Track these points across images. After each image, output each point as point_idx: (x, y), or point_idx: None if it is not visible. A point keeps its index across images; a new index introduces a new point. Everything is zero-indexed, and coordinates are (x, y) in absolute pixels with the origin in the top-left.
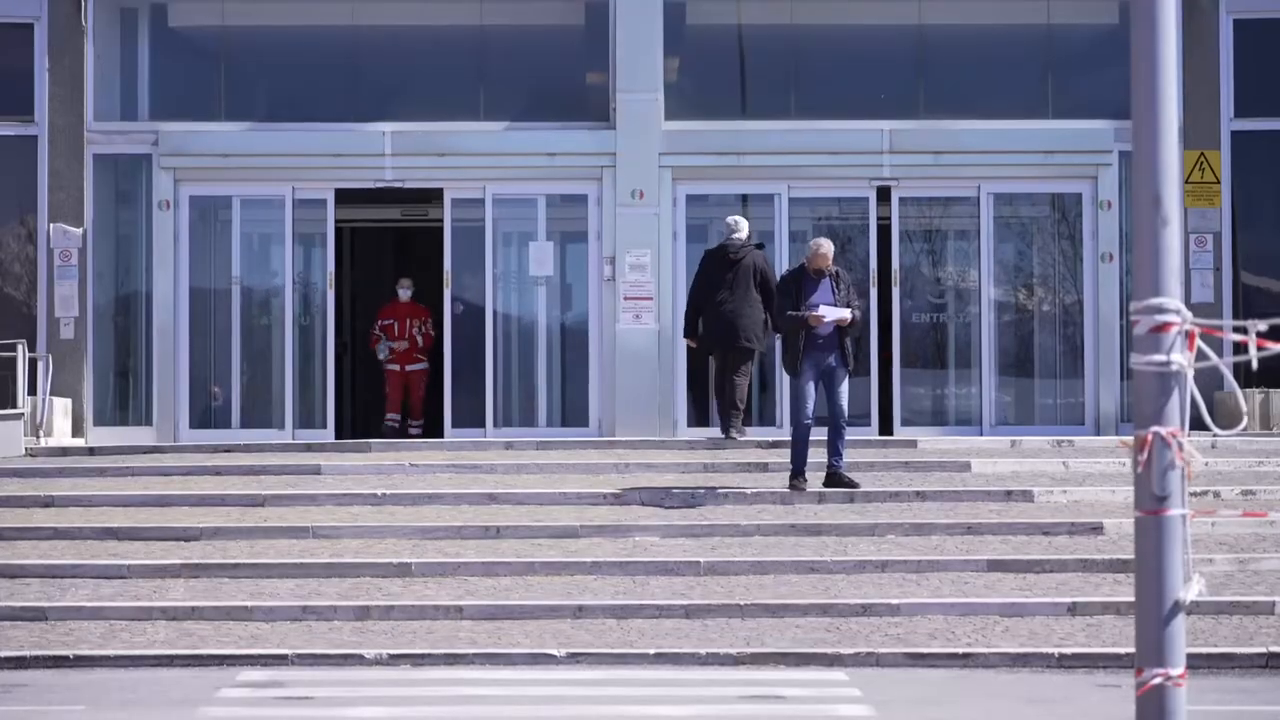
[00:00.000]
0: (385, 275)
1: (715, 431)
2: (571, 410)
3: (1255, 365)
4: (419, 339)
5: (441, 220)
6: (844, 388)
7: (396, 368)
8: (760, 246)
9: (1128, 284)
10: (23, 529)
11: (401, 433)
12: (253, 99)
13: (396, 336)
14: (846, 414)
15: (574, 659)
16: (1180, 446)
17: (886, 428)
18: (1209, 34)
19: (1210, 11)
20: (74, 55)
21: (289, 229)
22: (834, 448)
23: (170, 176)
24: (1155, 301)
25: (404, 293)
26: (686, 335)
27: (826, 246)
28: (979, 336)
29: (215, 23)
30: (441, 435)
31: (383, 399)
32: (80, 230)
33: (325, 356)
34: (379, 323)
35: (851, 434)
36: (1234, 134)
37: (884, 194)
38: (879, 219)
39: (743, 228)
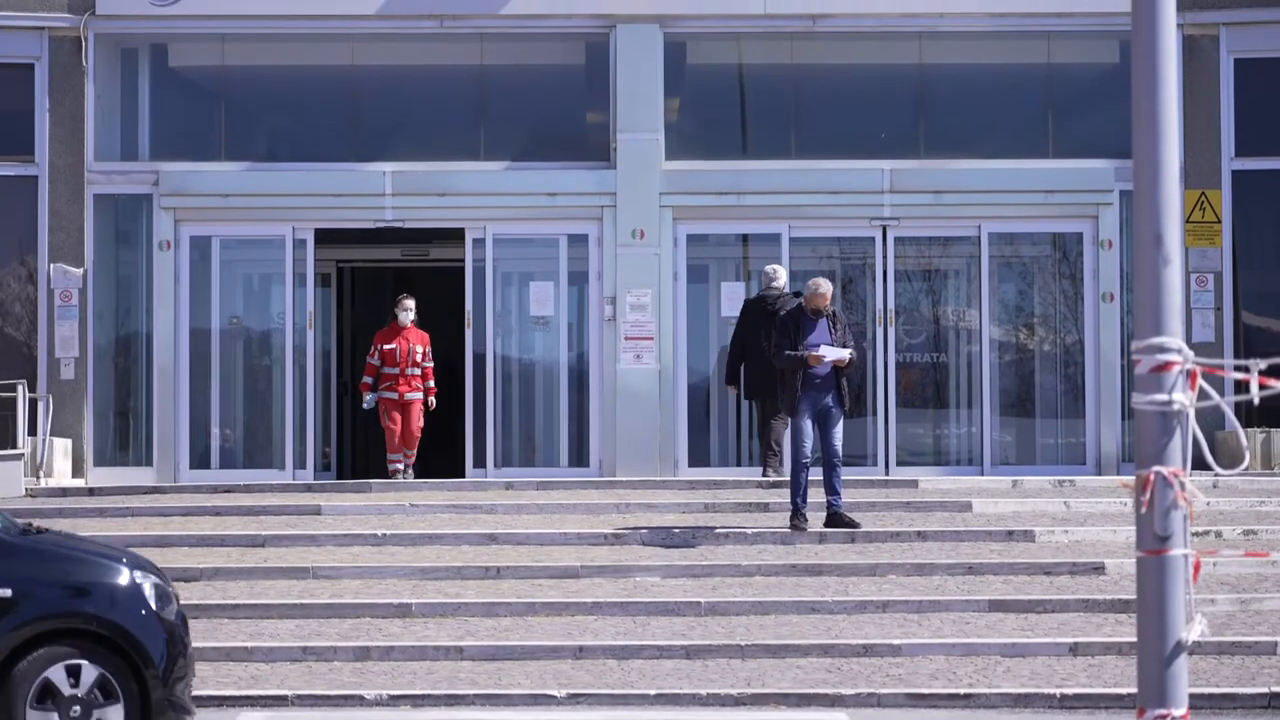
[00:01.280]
0: (384, 316)
1: (716, 471)
2: (572, 450)
3: (1257, 403)
4: (421, 366)
5: (443, 260)
6: (839, 428)
7: (395, 396)
8: (798, 295)
9: (1129, 324)
10: None
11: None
12: (253, 139)
13: (399, 362)
14: (841, 454)
15: (574, 700)
16: (1182, 486)
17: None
18: (1209, 73)
19: (1210, 51)
20: (74, 95)
21: (289, 269)
22: (831, 486)
23: (171, 216)
24: (1157, 341)
25: (406, 315)
26: (729, 382)
27: (825, 286)
28: (980, 376)
29: (215, 63)
30: (434, 475)
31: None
32: (81, 270)
33: (303, 395)
34: (378, 348)
35: (855, 473)
36: (1235, 173)
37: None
38: (884, 258)
39: (781, 276)
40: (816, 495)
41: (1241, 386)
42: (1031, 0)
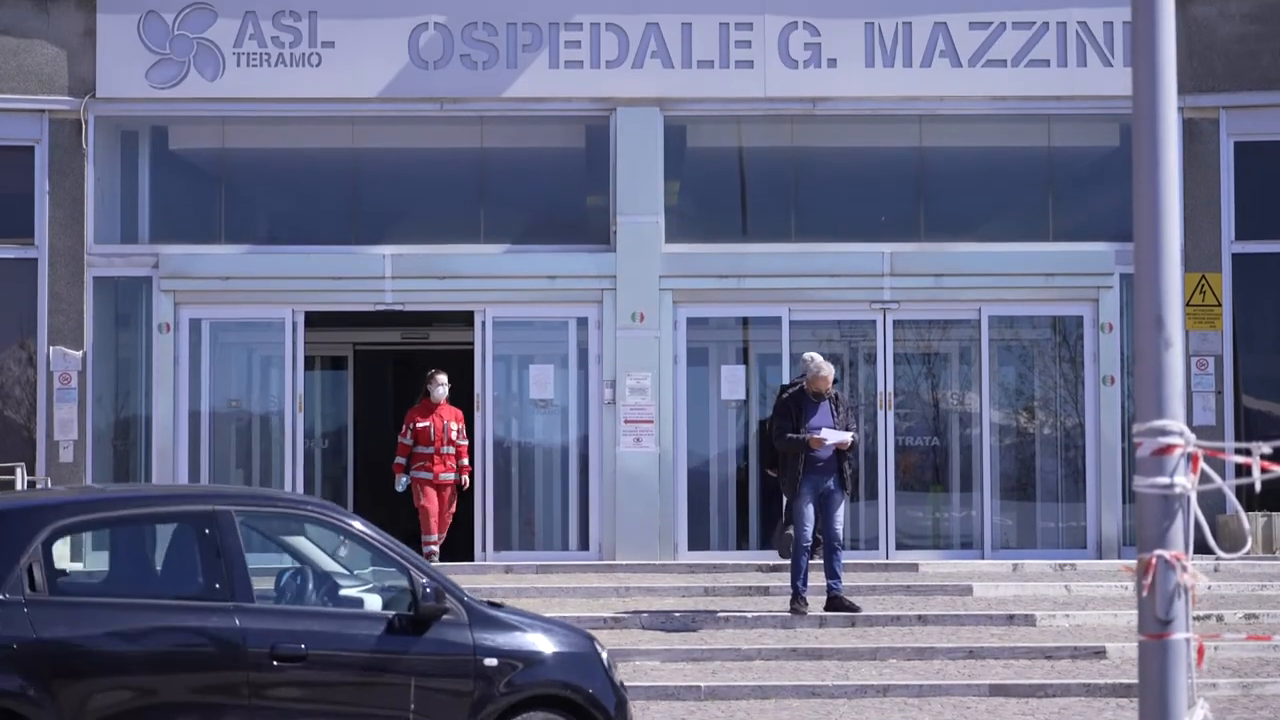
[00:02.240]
0: (385, 398)
1: (716, 555)
2: (572, 534)
3: (1259, 488)
4: (456, 445)
5: (442, 343)
6: (840, 511)
7: (429, 475)
8: (835, 382)
9: (1129, 407)
10: None
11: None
12: (253, 221)
13: (433, 441)
14: (842, 537)
15: None
16: (1184, 570)
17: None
18: (1210, 157)
19: (1211, 134)
20: (74, 178)
21: (289, 351)
22: (831, 570)
23: (170, 299)
24: (1158, 424)
25: (440, 391)
26: (770, 468)
27: (826, 369)
28: (980, 459)
29: (215, 145)
30: (464, 558)
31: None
32: (80, 353)
33: (311, 478)
34: (411, 426)
35: (856, 557)
36: (1235, 256)
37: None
38: (884, 341)
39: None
40: (817, 579)
41: (1243, 470)
42: (1031, 83)
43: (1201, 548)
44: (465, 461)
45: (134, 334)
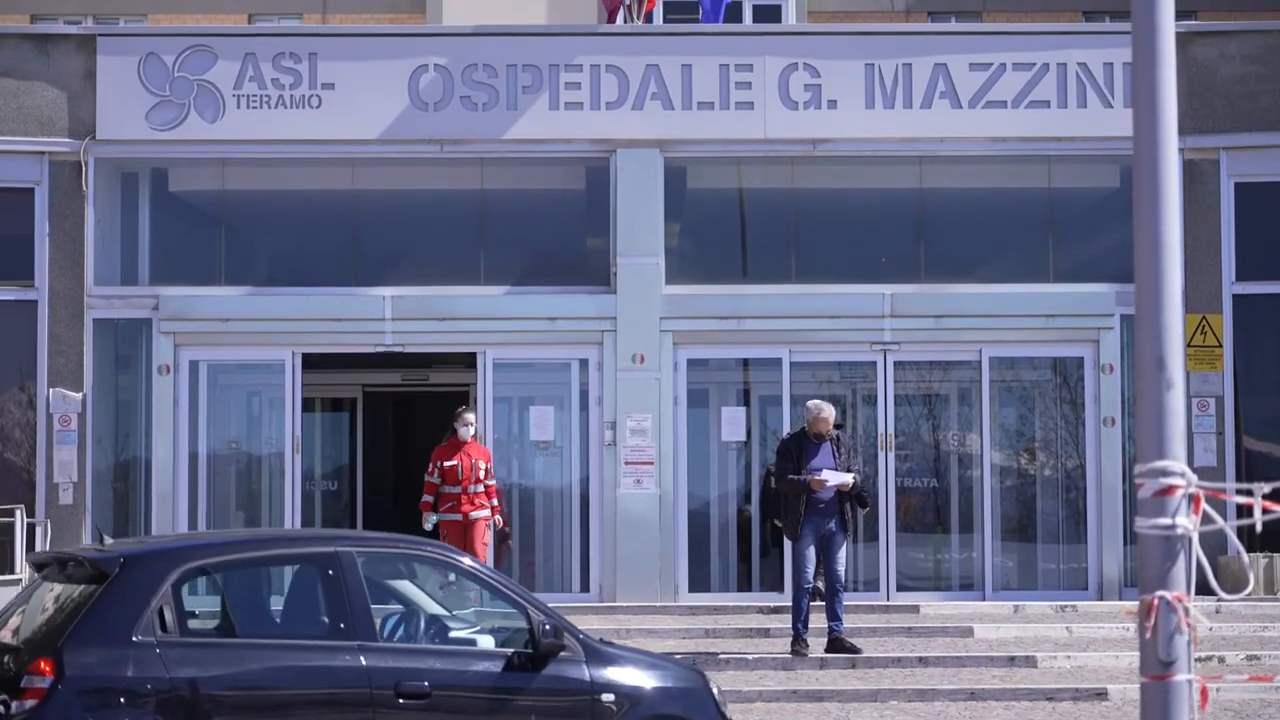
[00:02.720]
0: (386, 439)
1: (716, 597)
2: (572, 575)
3: (1259, 529)
4: (484, 484)
5: (442, 385)
6: (842, 553)
7: (458, 517)
8: (839, 428)
9: (1130, 448)
10: None
11: None
12: (253, 263)
13: (460, 480)
14: (844, 579)
15: None
16: (1186, 611)
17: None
18: (1210, 197)
19: (1211, 175)
20: (74, 220)
21: (289, 393)
22: (833, 612)
23: (170, 341)
24: (1160, 465)
25: (466, 430)
26: (777, 519)
27: (827, 410)
28: (981, 500)
29: (216, 187)
30: None
31: None
32: (80, 395)
33: (312, 519)
34: (437, 465)
35: (856, 599)
36: (1235, 297)
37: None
38: (885, 382)
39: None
40: (818, 621)
41: (1244, 511)
42: (1031, 125)
43: (1203, 589)
44: (495, 501)
45: (134, 376)
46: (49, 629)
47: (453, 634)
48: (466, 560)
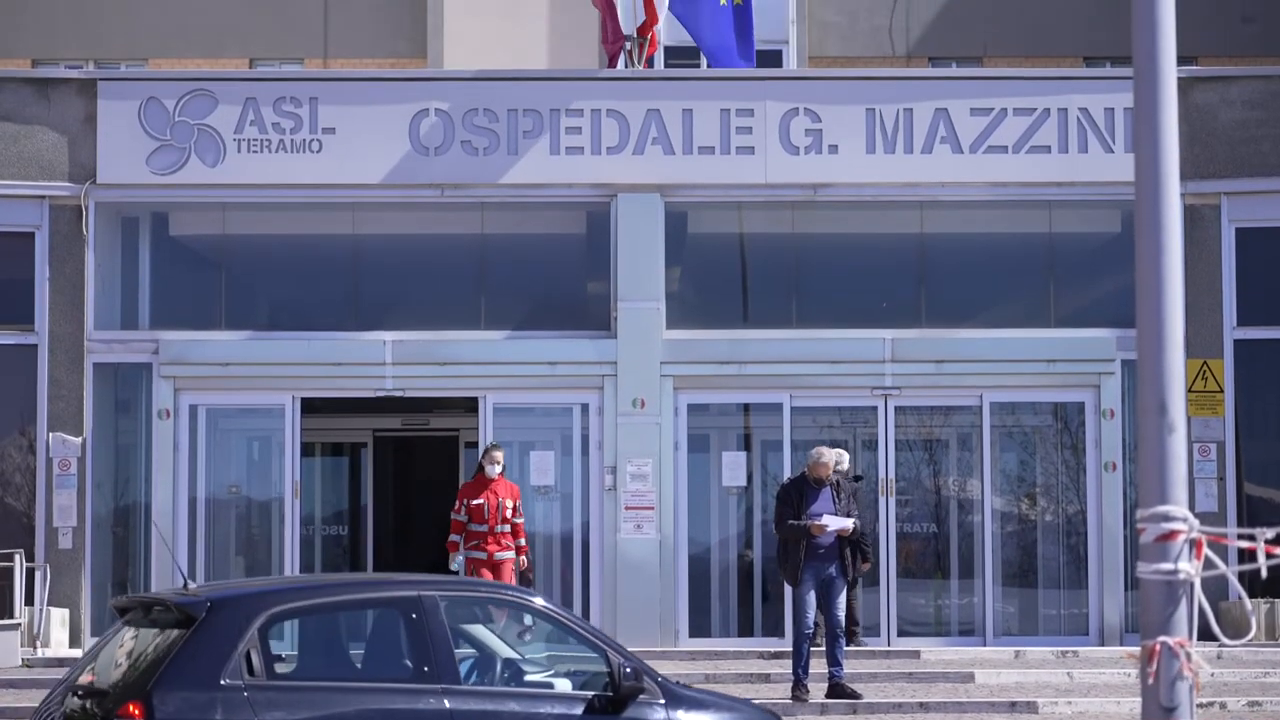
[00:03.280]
0: (397, 484)
1: (717, 642)
2: None
3: (1265, 574)
4: (512, 523)
5: (443, 429)
6: (842, 598)
7: (483, 555)
8: (859, 479)
9: (1131, 494)
10: None
11: None
12: (253, 307)
13: (487, 519)
14: (844, 624)
15: None
16: (1188, 657)
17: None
18: (1211, 242)
19: (1212, 220)
20: (75, 264)
21: (289, 437)
22: (833, 657)
23: (170, 385)
24: (1162, 509)
25: (494, 468)
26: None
27: (828, 455)
28: (981, 545)
29: (216, 231)
30: None
31: None
32: (79, 439)
33: (312, 564)
34: (464, 503)
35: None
36: (1236, 342)
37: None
38: (885, 427)
39: (845, 461)
40: (818, 666)
41: (1245, 556)
42: (1032, 170)
43: (1205, 634)
44: (522, 541)
45: (134, 420)
46: (136, 672)
47: (529, 677)
48: (543, 604)
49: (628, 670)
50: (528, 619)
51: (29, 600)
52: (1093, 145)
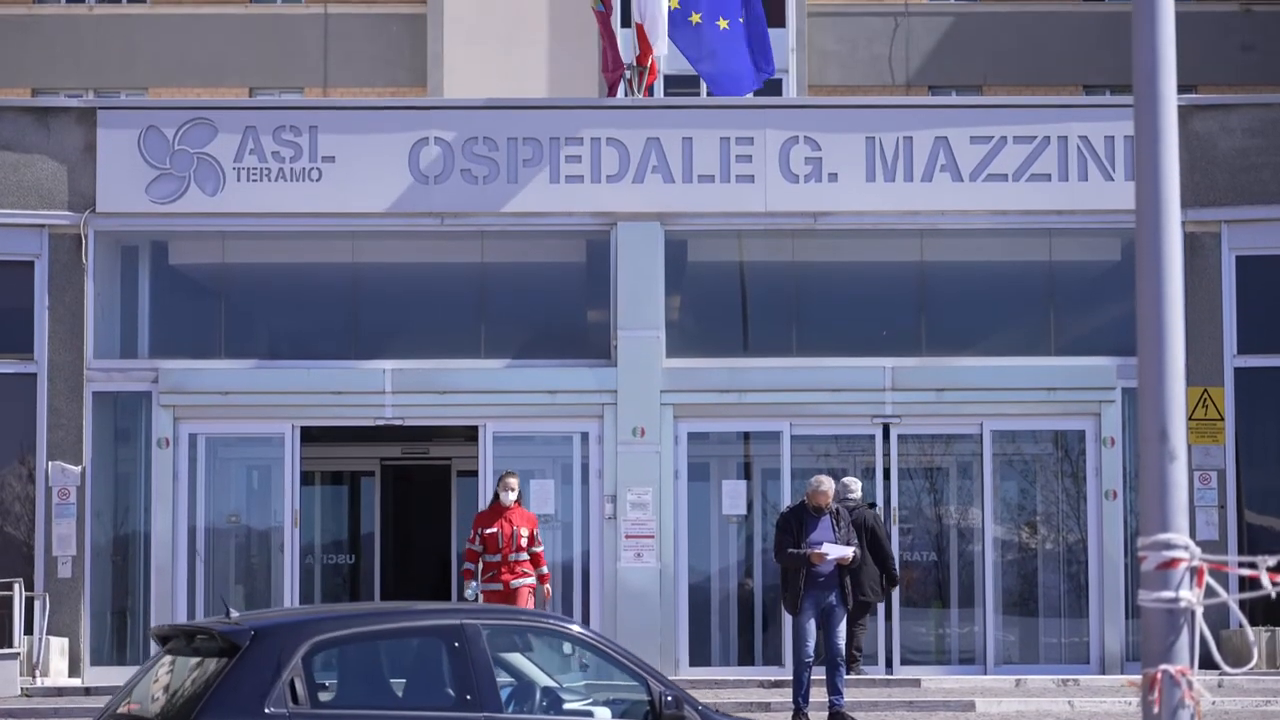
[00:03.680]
0: (402, 513)
1: (717, 671)
2: None
3: (1275, 596)
4: (530, 551)
5: (442, 458)
6: (842, 627)
7: (498, 586)
8: (872, 505)
9: (1132, 522)
10: None
11: None
12: (253, 336)
13: (501, 548)
14: (844, 652)
15: None
16: (1189, 685)
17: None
18: (1211, 270)
19: (1212, 248)
20: (74, 293)
21: (288, 466)
22: (833, 686)
23: (170, 414)
24: (1163, 537)
25: (508, 495)
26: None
27: (827, 484)
28: (982, 574)
29: (215, 260)
30: None
31: None
32: (79, 468)
33: (311, 593)
34: (478, 532)
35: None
36: (1237, 370)
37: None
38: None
39: (856, 488)
40: (819, 695)
41: (1246, 584)
42: (1032, 198)
43: (1206, 663)
44: (544, 570)
45: (133, 449)
46: (181, 701)
47: (568, 705)
48: (585, 633)
49: (669, 699)
50: (567, 647)
51: (28, 629)
52: (1093, 173)
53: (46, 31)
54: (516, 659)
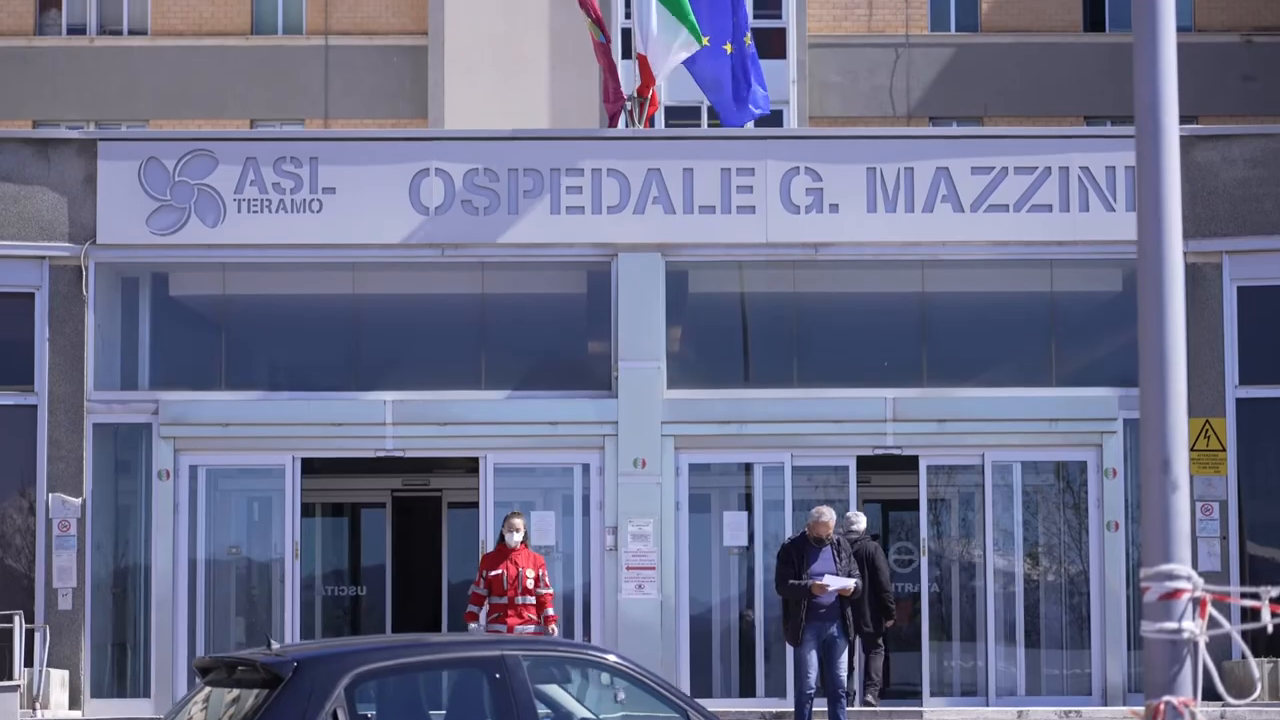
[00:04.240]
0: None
1: (719, 703)
2: None
3: (1271, 629)
4: (536, 594)
5: (442, 489)
6: (844, 658)
7: (503, 629)
8: (875, 538)
9: (1133, 553)
10: None
11: None
12: (253, 368)
13: (506, 590)
14: (845, 684)
15: None
16: (1192, 716)
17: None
18: (1212, 301)
19: (1214, 279)
20: (74, 324)
21: (289, 498)
22: (835, 717)
23: (170, 446)
24: (1166, 568)
25: (514, 536)
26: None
27: (828, 515)
28: (983, 605)
29: (216, 291)
30: None
31: None
32: (79, 500)
33: (311, 626)
34: (483, 575)
35: (861, 705)
36: (1239, 401)
37: (910, 461)
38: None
39: (860, 521)
40: None
41: (1249, 614)
42: (1033, 228)
43: (1209, 694)
44: (550, 611)
45: (134, 481)
46: None
47: None
48: (627, 663)
49: None
50: (605, 678)
51: (29, 661)
52: (1094, 204)
53: (47, 63)
54: (555, 691)
